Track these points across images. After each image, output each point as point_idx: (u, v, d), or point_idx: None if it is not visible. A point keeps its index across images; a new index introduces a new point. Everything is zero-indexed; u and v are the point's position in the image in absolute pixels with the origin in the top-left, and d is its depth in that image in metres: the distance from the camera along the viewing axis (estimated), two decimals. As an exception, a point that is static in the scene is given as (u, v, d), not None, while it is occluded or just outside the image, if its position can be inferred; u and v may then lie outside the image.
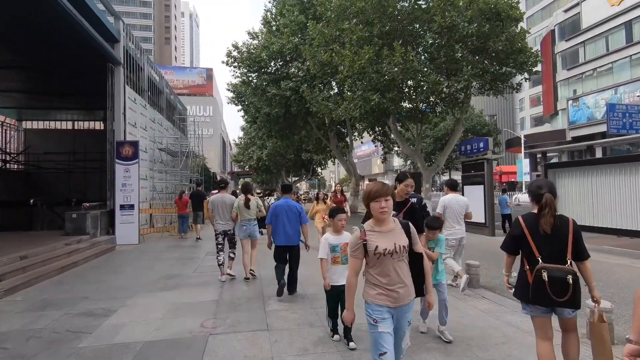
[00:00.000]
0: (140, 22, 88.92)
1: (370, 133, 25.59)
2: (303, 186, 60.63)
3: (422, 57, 14.60)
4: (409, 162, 53.27)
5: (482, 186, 12.33)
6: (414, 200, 3.79)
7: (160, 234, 12.56)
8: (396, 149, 28.00)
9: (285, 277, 5.11)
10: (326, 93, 17.67)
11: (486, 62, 13.33)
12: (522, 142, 43.45)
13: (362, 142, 27.81)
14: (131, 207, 10.40)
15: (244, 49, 21.75)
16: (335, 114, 15.68)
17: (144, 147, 13.00)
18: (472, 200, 13.06)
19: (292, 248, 5.07)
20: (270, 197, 13.89)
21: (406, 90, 14.25)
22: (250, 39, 22.18)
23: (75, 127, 19.28)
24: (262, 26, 23.18)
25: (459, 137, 16.21)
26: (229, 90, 23.60)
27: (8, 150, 17.81)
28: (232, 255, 6.29)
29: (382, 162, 35.20)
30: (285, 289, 5.06)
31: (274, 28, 22.65)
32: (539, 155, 43.58)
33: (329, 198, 9.67)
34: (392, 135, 23.79)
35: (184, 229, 11.78)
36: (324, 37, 16.28)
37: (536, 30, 45.76)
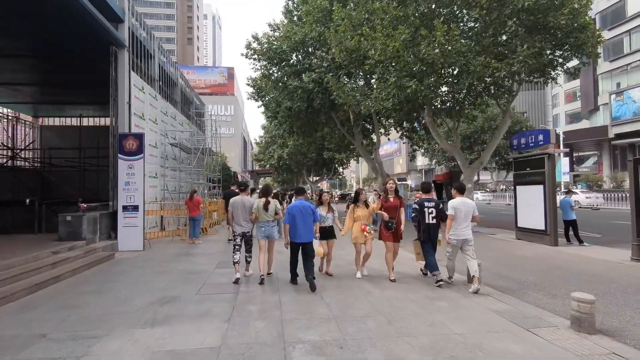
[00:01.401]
0: (164, 23, 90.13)
1: (398, 129, 23.86)
2: (324, 186, 59.10)
3: (466, 38, 12.72)
4: (434, 162, 50.78)
5: (541, 186, 10.39)
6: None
7: (171, 238, 11.32)
8: (425, 146, 26.00)
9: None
10: (353, 83, 16.03)
11: (543, 42, 11.32)
12: (561, 139, 40.38)
13: (388, 139, 25.97)
14: (135, 208, 9.16)
15: (264, 40, 20.48)
16: (364, 105, 14.01)
17: (154, 142, 11.81)
18: (528, 202, 11.15)
19: (306, 244, 5.71)
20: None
21: (448, 76, 12.41)
22: (271, 31, 20.86)
23: (90, 124, 18.50)
24: (283, 17, 21.86)
25: (505, 131, 14.22)
26: (248, 85, 22.36)
27: (13, 146, 17.10)
28: (248, 259, 6.48)
29: (410, 161, 33.10)
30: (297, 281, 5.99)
31: (295, 18, 21.29)
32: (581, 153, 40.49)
33: (373, 201, 7.93)
34: (423, 131, 21.93)
35: (195, 234, 10.47)
36: (351, 21, 14.67)
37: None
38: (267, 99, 22.00)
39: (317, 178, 45.79)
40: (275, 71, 21.17)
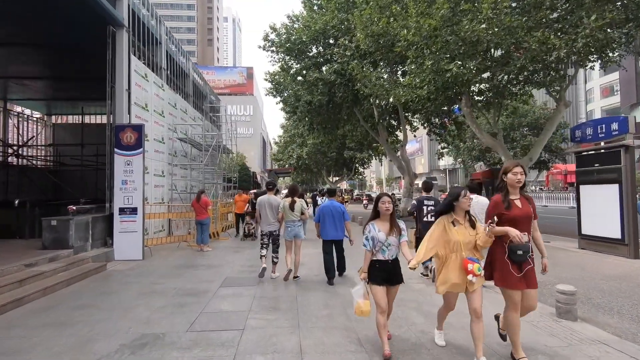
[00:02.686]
0: (185, 25, 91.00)
1: (425, 125, 22.10)
2: (344, 186, 57.55)
3: (516, 13, 10.92)
4: (459, 160, 48.14)
5: (616, 186, 8.51)
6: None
7: (178, 244, 10.09)
8: (454, 143, 23.99)
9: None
10: (380, 71, 14.44)
11: (615, 12, 9.39)
12: (602, 135, 37.00)
13: (415, 136, 24.18)
14: (133, 210, 7.94)
15: (283, 31, 19.20)
16: (394, 95, 12.40)
17: (160, 137, 10.63)
18: (597, 205, 9.12)
19: (337, 242, 6.04)
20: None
21: (495, 57, 10.63)
22: (290, 23, 19.53)
23: (100, 121, 17.71)
24: (303, 8, 20.51)
25: (558, 122, 12.29)
26: (266, 80, 21.12)
27: (11, 143, 16.38)
28: (275, 260, 6.28)
29: (438, 159, 31.16)
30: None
31: (315, 7, 19.92)
32: None
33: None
34: (454, 127, 20.08)
35: (203, 240, 9.19)
36: (378, 2, 13.11)
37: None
38: (285, 94, 20.72)
39: (337, 178, 44.28)
40: (294, 64, 19.88)
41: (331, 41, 18.49)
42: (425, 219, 5.95)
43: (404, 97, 12.07)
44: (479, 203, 5.55)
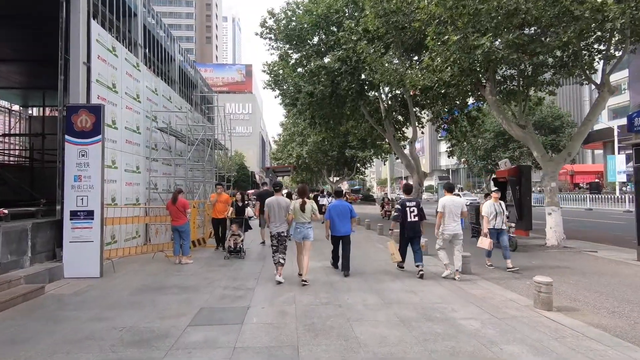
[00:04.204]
0: (184, 22, 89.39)
1: (434, 120, 20.44)
2: (344, 186, 55.85)
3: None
4: (462, 160, 46.37)
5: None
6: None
7: (153, 254, 8.35)
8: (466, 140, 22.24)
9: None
10: (392, 56, 12.71)
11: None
12: (616, 134, 35.63)
13: (422, 132, 22.48)
14: (88, 214, 6.21)
15: (282, 16, 17.53)
16: (409, 79, 10.67)
17: (134, 125, 8.91)
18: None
19: (344, 237, 6.48)
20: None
21: (537, 31, 8.92)
22: (290, 8, 17.80)
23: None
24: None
25: (601, 111, 10.61)
26: (264, 72, 19.41)
27: None
28: (282, 261, 5.91)
29: (449, 157, 29.51)
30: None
31: (317, -12, 18.22)
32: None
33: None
34: (465, 123, 18.41)
35: (183, 250, 7.46)
36: (391, -25, 11.42)
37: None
38: (285, 86, 19.02)
39: (338, 178, 42.62)
40: (294, 53, 18.21)
41: (334, 29, 16.84)
42: (409, 219, 6.44)
43: (422, 81, 10.34)
44: (453, 202, 6.21)
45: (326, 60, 16.30)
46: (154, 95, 10.15)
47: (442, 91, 12.05)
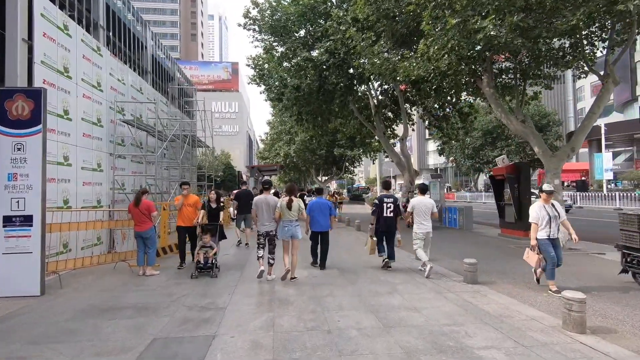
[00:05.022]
0: (169, 18, 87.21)
1: (425, 118, 19.83)
2: (333, 185, 55.03)
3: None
4: (450, 159, 46.08)
5: None
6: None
7: (115, 264, 7.29)
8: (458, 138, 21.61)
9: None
10: (383, 46, 11.87)
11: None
12: (603, 132, 35.74)
13: (413, 130, 21.75)
14: (26, 220, 5.17)
15: (266, 5, 16.55)
16: (403, 69, 9.85)
17: (92, 116, 7.82)
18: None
19: (323, 233, 6.68)
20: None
21: (540, 12, 8.18)
22: (274, 1, 16.81)
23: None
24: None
25: (606, 103, 9.99)
26: (248, 65, 18.41)
27: None
28: (271, 261, 5.96)
29: (440, 155, 28.97)
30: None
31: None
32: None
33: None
34: (457, 119, 17.79)
35: (148, 259, 6.45)
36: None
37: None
38: (270, 81, 18.05)
39: (326, 178, 41.79)
40: (280, 46, 17.26)
41: (321, 21, 15.96)
42: (385, 214, 6.59)
43: (416, 70, 9.52)
44: (423, 203, 6.40)
45: (313, 53, 15.46)
46: (120, 84, 9.06)
47: (436, 84, 11.27)
